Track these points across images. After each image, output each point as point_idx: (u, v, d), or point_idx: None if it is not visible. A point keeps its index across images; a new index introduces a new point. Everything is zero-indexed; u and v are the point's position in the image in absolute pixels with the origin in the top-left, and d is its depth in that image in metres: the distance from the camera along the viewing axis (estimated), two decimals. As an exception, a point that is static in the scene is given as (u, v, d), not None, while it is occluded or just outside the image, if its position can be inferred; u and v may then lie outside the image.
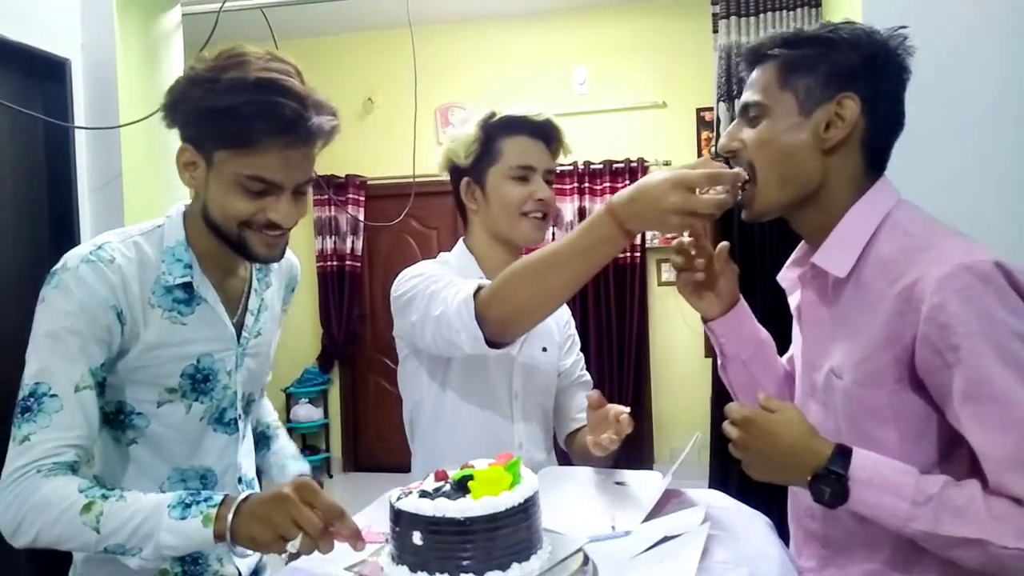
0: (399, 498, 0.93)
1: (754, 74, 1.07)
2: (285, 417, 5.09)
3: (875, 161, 1.05)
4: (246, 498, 0.96)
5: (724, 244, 1.22)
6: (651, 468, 4.72)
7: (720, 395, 2.61)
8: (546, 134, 1.45)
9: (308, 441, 5.20)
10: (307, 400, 5.09)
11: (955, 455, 0.96)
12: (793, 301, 1.15)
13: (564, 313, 1.60)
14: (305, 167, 1.07)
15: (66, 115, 2.22)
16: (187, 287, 1.11)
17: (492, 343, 1.19)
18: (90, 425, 1.02)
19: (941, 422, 0.96)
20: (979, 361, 0.87)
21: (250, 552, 0.94)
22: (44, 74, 2.22)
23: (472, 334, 1.18)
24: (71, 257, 1.05)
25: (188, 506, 0.95)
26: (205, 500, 0.96)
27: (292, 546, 0.91)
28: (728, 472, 1.86)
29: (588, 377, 1.63)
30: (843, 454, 0.94)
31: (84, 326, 1.01)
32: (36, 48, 2.16)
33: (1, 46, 2.08)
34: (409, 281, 1.37)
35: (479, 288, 1.21)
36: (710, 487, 1.36)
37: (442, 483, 0.95)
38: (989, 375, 0.87)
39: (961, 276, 0.89)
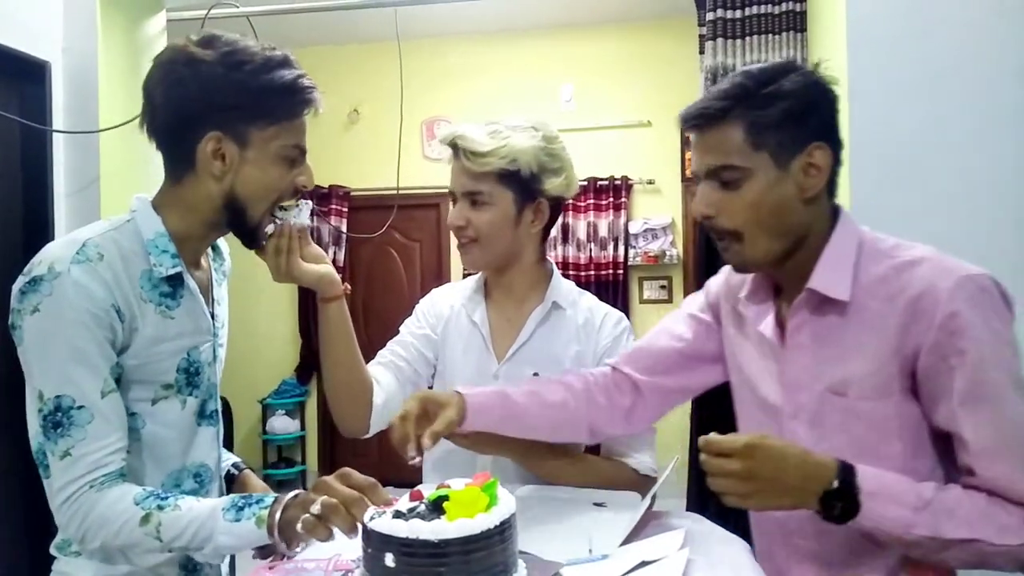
0: (372, 518, 0.91)
1: (712, 135, 1.06)
2: (261, 429, 5.03)
3: (832, 190, 1.10)
4: (296, 495, 1.01)
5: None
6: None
7: (700, 415, 2.60)
8: (459, 152, 1.37)
9: (284, 453, 5.14)
10: (284, 412, 5.03)
11: (943, 461, 1.04)
12: (766, 328, 1.14)
13: (601, 337, 1.43)
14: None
15: (44, 118, 2.18)
16: (171, 279, 1.09)
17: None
18: (123, 426, 1.03)
19: (930, 428, 1.03)
20: (980, 364, 0.96)
21: (299, 547, 0.99)
22: (23, 76, 2.18)
23: None
24: (57, 260, 1.00)
25: (241, 508, 0.99)
26: (257, 502, 0.99)
27: (313, 509, 0.94)
28: (706, 494, 1.84)
29: None
30: (846, 468, 0.96)
31: (96, 330, 0.99)
32: (15, 49, 2.12)
33: (-22, 47, 2.04)
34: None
35: None
36: (688, 509, 1.34)
37: (417, 503, 0.93)
38: (986, 378, 0.96)
39: (967, 286, 0.97)
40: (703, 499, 1.97)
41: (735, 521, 1.24)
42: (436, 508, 0.90)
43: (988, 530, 0.94)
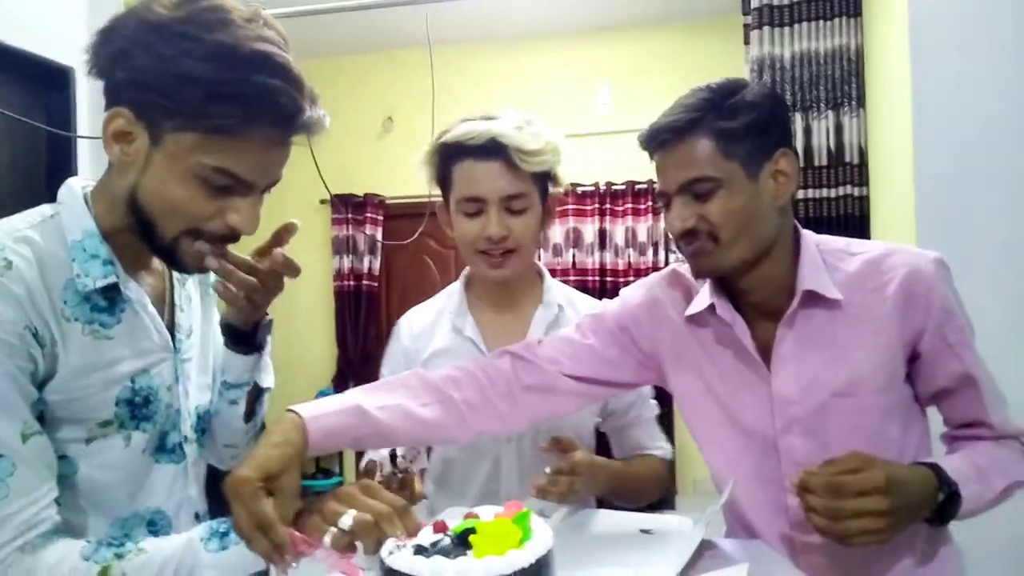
0: (390, 552, 0.80)
1: (682, 150, 1.04)
2: (297, 440, 4.99)
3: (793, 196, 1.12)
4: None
5: None
6: (674, 497, 4.52)
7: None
8: (498, 152, 1.20)
9: (321, 464, 5.08)
10: (320, 423, 4.98)
11: (925, 428, 1.11)
12: (748, 342, 1.08)
13: None
14: (281, 165, 0.89)
15: (68, 124, 2.15)
16: (108, 290, 0.88)
17: None
18: (52, 472, 0.84)
19: (914, 400, 1.09)
20: (969, 335, 1.05)
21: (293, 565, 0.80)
22: (47, 82, 2.16)
23: None
24: None
25: (226, 534, 0.83)
26: None
27: (344, 523, 0.79)
28: None
29: (651, 413, 1.40)
30: (935, 469, 0.97)
31: (8, 362, 0.79)
32: (39, 56, 2.10)
33: (3, 53, 2.01)
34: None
35: None
36: (728, 535, 1.22)
37: (440, 536, 0.82)
38: (973, 345, 1.05)
39: (943, 269, 1.05)
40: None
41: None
42: (462, 542, 0.79)
43: (1017, 469, 1.03)
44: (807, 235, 1.11)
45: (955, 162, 1.93)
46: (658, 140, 1.07)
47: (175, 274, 1.01)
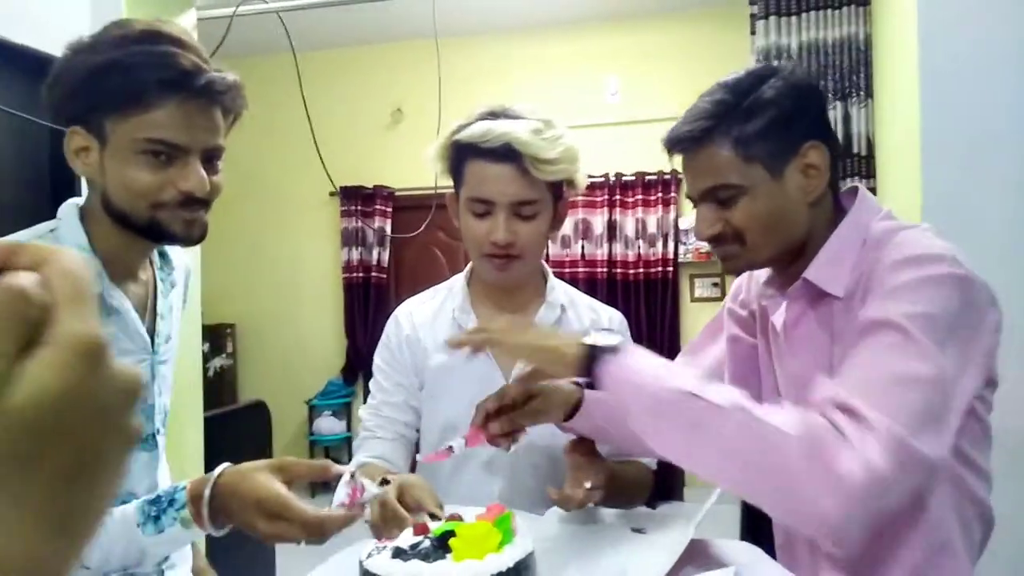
0: (369, 555, 0.80)
1: (700, 158, 1.02)
2: (308, 430, 5.02)
3: (834, 186, 1.06)
4: (214, 496, 0.87)
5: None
6: (683, 490, 4.51)
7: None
8: (511, 157, 1.17)
9: (331, 454, 5.11)
10: (330, 412, 5.01)
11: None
12: (777, 319, 1.08)
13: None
14: (211, 129, 0.96)
15: (72, 120, 2.15)
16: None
17: None
18: None
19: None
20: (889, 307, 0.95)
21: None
22: (50, 78, 2.15)
23: None
24: None
25: (157, 518, 0.89)
26: (170, 504, 0.88)
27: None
28: (761, 519, 1.63)
29: None
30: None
31: None
32: (42, 51, 2.09)
33: (5, 49, 2.01)
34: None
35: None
36: (743, 538, 1.20)
37: (421, 538, 0.82)
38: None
39: (907, 229, 1.00)
40: (757, 525, 1.77)
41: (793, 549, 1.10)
42: (442, 545, 0.79)
43: (769, 413, 0.85)
44: (856, 221, 1.02)
45: (963, 154, 1.89)
46: (676, 148, 1.05)
47: (159, 286, 1.11)
